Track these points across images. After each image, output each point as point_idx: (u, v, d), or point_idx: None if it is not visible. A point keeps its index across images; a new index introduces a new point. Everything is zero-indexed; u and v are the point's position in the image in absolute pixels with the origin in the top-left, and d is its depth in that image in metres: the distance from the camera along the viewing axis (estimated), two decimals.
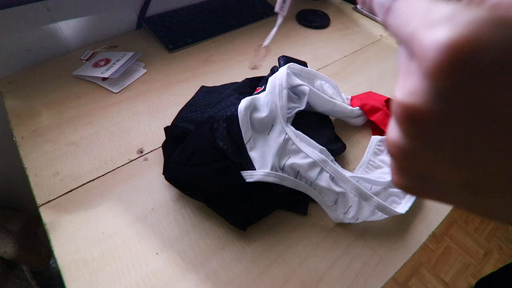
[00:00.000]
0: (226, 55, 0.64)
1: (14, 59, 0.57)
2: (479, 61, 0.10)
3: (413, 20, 0.12)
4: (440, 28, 0.10)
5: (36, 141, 0.46)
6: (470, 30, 0.10)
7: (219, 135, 0.38)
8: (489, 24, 0.10)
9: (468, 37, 0.10)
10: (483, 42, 0.10)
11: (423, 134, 0.12)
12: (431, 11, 0.11)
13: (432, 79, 0.11)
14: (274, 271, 0.36)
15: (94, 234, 0.37)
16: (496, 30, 0.10)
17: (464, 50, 0.10)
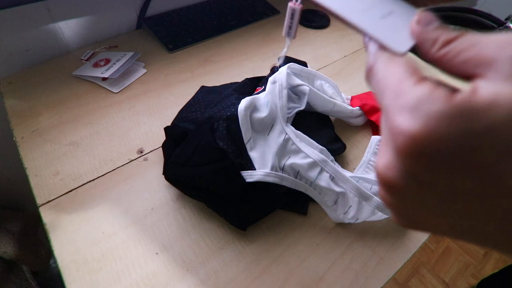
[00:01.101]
0: (226, 55, 0.64)
1: (14, 59, 0.57)
2: (435, 151, 0.12)
3: (386, 95, 0.15)
4: (406, 118, 0.13)
5: (36, 141, 0.46)
6: (428, 124, 0.12)
7: (219, 135, 0.38)
8: (445, 119, 0.12)
9: (427, 131, 0.12)
10: (438, 135, 0.12)
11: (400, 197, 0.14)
12: (400, 92, 0.14)
13: (400, 160, 0.13)
14: (274, 271, 0.36)
15: (94, 234, 0.37)
16: (450, 124, 0.12)
17: (423, 142, 0.12)
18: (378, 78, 0.16)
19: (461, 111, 0.12)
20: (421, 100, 0.13)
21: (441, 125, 0.12)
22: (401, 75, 0.14)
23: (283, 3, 0.79)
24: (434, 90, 0.13)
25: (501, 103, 0.11)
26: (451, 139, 0.12)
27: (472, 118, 0.12)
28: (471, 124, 0.12)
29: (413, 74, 0.14)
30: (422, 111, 0.12)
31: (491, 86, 0.12)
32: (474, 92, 0.12)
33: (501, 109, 0.11)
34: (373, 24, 0.18)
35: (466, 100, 0.12)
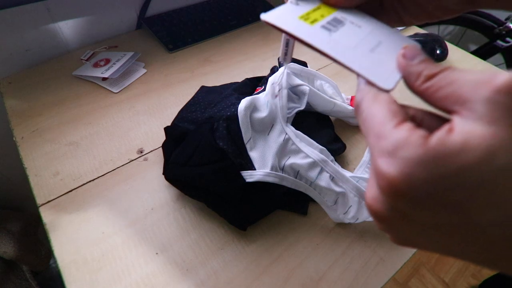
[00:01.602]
0: (226, 55, 0.64)
1: (14, 59, 0.57)
2: (412, 193, 0.13)
3: (370, 135, 0.16)
4: (385, 162, 0.14)
5: (36, 141, 0.46)
6: (404, 170, 0.13)
7: (219, 135, 0.38)
8: (419, 165, 0.13)
9: (403, 176, 0.13)
10: (414, 180, 0.13)
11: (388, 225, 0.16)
12: (381, 135, 0.15)
13: (383, 197, 0.15)
14: (274, 271, 0.36)
15: (94, 234, 0.37)
16: (424, 170, 0.13)
17: (401, 186, 0.14)
18: (364, 117, 0.17)
19: (434, 156, 0.13)
20: (398, 145, 0.14)
21: (416, 170, 0.13)
22: (383, 117, 0.15)
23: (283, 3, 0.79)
24: (411, 134, 0.14)
25: (471, 146, 0.13)
26: (425, 182, 0.13)
27: (444, 162, 0.13)
28: (443, 168, 0.13)
29: (394, 116, 0.15)
30: (399, 157, 0.14)
31: (465, 126, 0.13)
32: (449, 132, 0.13)
33: (471, 153, 0.12)
34: (360, 60, 0.18)
35: (439, 144, 0.13)
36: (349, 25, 0.20)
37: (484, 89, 0.13)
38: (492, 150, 0.12)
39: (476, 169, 0.12)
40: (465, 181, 0.13)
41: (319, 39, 0.19)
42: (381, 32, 0.21)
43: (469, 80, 0.14)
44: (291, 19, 0.20)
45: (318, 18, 0.20)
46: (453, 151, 0.13)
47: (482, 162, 0.12)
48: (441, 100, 0.15)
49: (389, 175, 0.14)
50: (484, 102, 0.13)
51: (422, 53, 0.17)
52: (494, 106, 0.13)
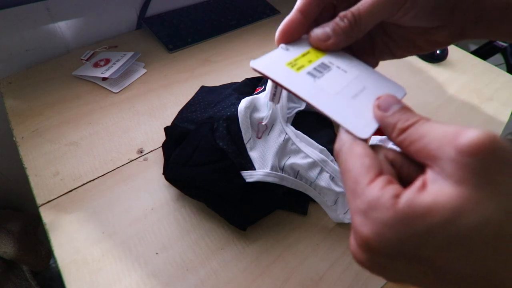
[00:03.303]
0: (226, 55, 0.64)
1: (14, 59, 0.57)
2: (384, 250, 0.14)
3: (346, 189, 0.17)
4: (359, 220, 0.15)
5: (36, 141, 0.46)
6: (375, 231, 0.14)
7: (219, 135, 0.38)
8: (389, 226, 0.14)
9: (374, 236, 0.14)
10: (384, 240, 0.14)
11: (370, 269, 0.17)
12: (356, 193, 0.16)
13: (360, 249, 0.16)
14: (274, 271, 0.36)
15: (94, 234, 0.37)
16: (393, 230, 0.14)
17: (373, 244, 0.15)
18: (342, 170, 0.17)
19: (402, 219, 0.14)
20: (370, 206, 0.15)
21: (386, 231, 0.14)
22: (357, 173, 0.16)
23: (283, 3, 0.79)
24: (383, 194, 0.14)
25: (438, 208, 0.13)
26: (396, 242, 0.14)
27: (412, 225, 0.14)
28: (411, 229, 0.14)
29: (367, 171, 0.16)
30: (371, 217, 0.15)
31: (435, 185, 0.14)
32: (420, 190, 0.14)
33: (438, 215, 0.13)
34: (340, 108, 0.19)
35: (407, 206, 0.14)
36: (335, 70, 0.21)
37: (449, 147, 0.14)
38: (458, 211, 0.13)
39: (443, 229, 0.13)
40: (433, 240, 0.13)
41: (303, 87, 0.19)
42: (367, 77, 0.21)
43: (436, 136, 0.15)
44: (279, 66, 0.20)
45: (305, 64, 0.21)
46: (421, 213, 0.13)
47: (449, 222, 0.13)
48: (415, 154, 0.16)
49: (363, 234, 0.15)
50: (450, 162, 0.14)
51: (397, 102, 0.18)
52: (460, 167, 0.13)
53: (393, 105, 0.18)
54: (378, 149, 0.18)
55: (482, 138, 0.13)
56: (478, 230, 0.13)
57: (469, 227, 0.13)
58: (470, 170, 0.13)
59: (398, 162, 0.17)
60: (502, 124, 0.56)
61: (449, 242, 0.13)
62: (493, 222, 0.13)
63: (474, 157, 0.13)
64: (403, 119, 0.17)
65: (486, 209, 0.13)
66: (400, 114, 0.17)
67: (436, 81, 0.63)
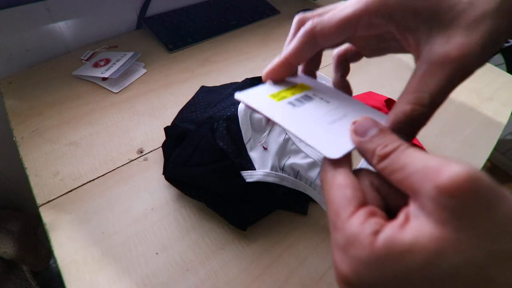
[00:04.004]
0: (226, 55, 0.64)
1: (14, 59, 0.57)
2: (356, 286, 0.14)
3: (329, 219, 0.16)
4: (339, 256, 0.15)
5: (36, 141, 0.46)
6: (353, 269, 0.14)
7: (219, 135, 0.38)
8: (367, 265, 0.14)
9: (353, 274, 0.14)
10: (363, 278, 0.14)
11: None
12: (336, 226, 0.15)
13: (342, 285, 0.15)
14: (274, 271, 0.36)
15: (94, 234, 0.37)
16: (372, 269, 0.14)
17: (352, 281, 0.14)
18: (325, 199, 0.17)
19: (380, 259, 0.13)
20: (348, 242, 0.14)
21: (364, 270, 0.14)
22: (337, 205, 0.16)
23: (283, 3, 0.79)
24: (362, 229, 0.14)
25: (419, 247, 0.13)
26: (374, 281, 0.14)
27: (390, 264, 0.13)
28: (390, 269, 0.13)
29: (348, 204, 0.15)
30: (349, 254, 0.14)
31: (415, 224, 0.14)
32: (402, 226, 0.14)
33: (418, 255, 0.13)
34: (313, 131, 0.19)
35: (386, 245, 0.13)
36: (317, 101, 0.21)
37: (429, 185, 0.13)
38: (440, 252, 0.13)
39: (423, 270, 0.13)
40: (413, 281, 0.13)
41: (278, 113, 0.20)
42: (349, 106, 0.21)
43: (417, 169, 0.14)
44: (261, 97, 0.21)
45: (288, 95, 0.21)
46: (400, 253, 0.13)
47: (429, 264, 0.13)
48: (397, 183, 0.15)
49: (341, 271, 0.15)
50: (430, 200, 0.13)
51: (374, 124, 0.17)
52: (440, 207, 0.13)
53: (370, 129, 0.17)
54: (364, 175, 0.17)
55: (463, 176, 0.13)
56: (459, 271, 0.12)
57: (449, 269, 0.12)
58: (450, 211, 0.13)
59: (385, 189, 0.16)
60: (502, 124, 0.56)
61: (429, 284, 0.13)
62: (474, 264, 0.12)
63: (455, 198, 0.13)
64: (382, 145, 0.16)
65: (466, 251, 0.12)
66: (378, 138, 0.16)
67: None
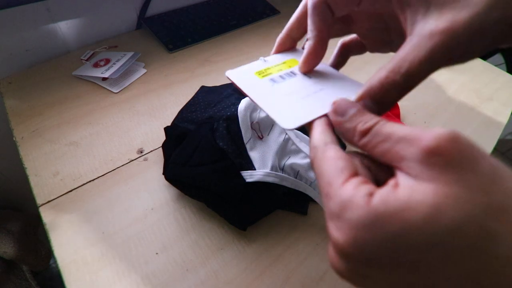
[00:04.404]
0: (226, 55, 0.64)
1: (14, 59, 0.57)
2: (361, 256, 0.13)
3: (321, 193, 0.16)
4: (333, 226, 0.14)
5: (36, 141, 0.46)
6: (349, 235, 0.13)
7: (219, 135, 0.38)
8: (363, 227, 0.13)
9: (349, 241, 0.13)
10: (360, 243, 0.13)
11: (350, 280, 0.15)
12: (329, 195, 0.15)
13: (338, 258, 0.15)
14: (274, 271, 0.36)
15: (94, 234, 0.37)
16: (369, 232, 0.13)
17: (349, 250, 0.14)
18: (316, 175, 0.17)
19: (376, 217, 0.13)
20: (343, 206, 0.14)
21: (361, 233, 0.13)
22: (330, 175, 0.15)
23: (283, 3, 0.79)
24: (356, 192, 0.14)
25: (414, 203, 0.12)
26: (372, 245, 0.13)
27: (387, 223, 0.13)
28: (387, 229, 0.13)
29: (341, 172, 0.15)
30: (344, 220, 0.14)
31: (406, 184, 0.13)
32: (394, 187, 0.13)
33: (414, 211, 0.12)
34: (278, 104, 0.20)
35: (381, 202, 0.13)
36: (299, 77, 0.22)
37: (414, 148, 0.13)
38: (437, 208, 0.12)
39: (423, 227, 0.12)
40: (413, 241, 0.12)
41: (256, 89, 0.21)
42: (329, 80, 0.22)
43: (400, 137, 0.14)
44: (247, 74, 0.23)
45: (274, 72, 0.23)
46: (397, 210, 0.13)
47: (429, 220, 0.12)
48: (381, 156, 0.15)
49: (338, 240, 0.14)
50: (417, 162, 0.13)
51: (353, 105, 0.17)
52: (427, 166, 0.13)
53: (349, 109, 0.17)
54: (353, 155, 0.17)
55: (446, 136, 0.13)
56: (461, 228, 0.12)
57: (450, 225, 0.12)
58: (438, 168, 0.13)
59: (374, 169, 0.16)
60: (502, 124, 0.56)
61: (432, 242, 0.12)
62: (473, 219, 0.12)
63: (441, 156, 0.13)
64: (362, 121, 0.16)
65: (464, 205, 0.12)
66: (358, 117, 0.16)
67: (435, 81, 0.63)
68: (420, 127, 0.14)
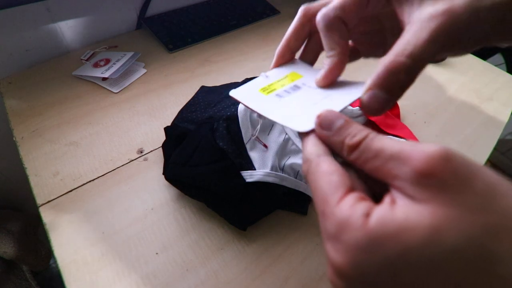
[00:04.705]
0: (226, 55, 0.64)
1: (14, 59, 0.57)
2: (359, 278, 0.13)
3: (317, 209, 0.15)
4: (330, 247, 0.14)
5: (36, 141, 0.46)
6: (347, 257, 0.13)
7: (219, 135, 0.38)
8: (361, 250, 0.13)
9: (347, 262, 0.13)
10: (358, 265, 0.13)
11: None
12: (325, 214, 0.14)
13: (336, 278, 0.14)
14: (274, 271, 0.36)
15: (94, 234, 0.37)
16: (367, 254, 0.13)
17: (347, 272, 0.13)
18: (312, 190, 0.16)
19: (374, 239, 0.12)
20: (340, 228, 0.13)
21: (359, 256, 0.13)
22: (325, 193, 0.15)
23: (283, 3, 0.79)
24: (353, 212, 0.13)
25: (411, 227, 0.12)
26: (371, 267, 0.13)
27: (386, 245, 0.12)
28: (386, 251, 0.12)
29: (336, 190, 0.14)
30: (341, 241, 0.13)
31: (403, 204, 0.13)
32: (391, 206, 0.13)
33: (413, 232, 0.12)
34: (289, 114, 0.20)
35: (379, 224, 0.13)
36: (304, 89, 0.23)
37: (407, 168, 0.13)
38: (436, 230, 0.12)
39: (422, 251, 0.12)
40: (412, 264, 0.12)
41: (264, 106, 0.21)
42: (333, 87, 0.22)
43: (391, 155, 0.14)
44: (252, 92, 0.23)
45: (277, 87, 0.23)
46: (395, 232, 0.12)
47: (429, 242, 0.12)
48: (373, 173, 0.15)
49: (336, 262, 0.14)
50: (410, 183, 0.13)
51: (339, 116, 0.17)
52: (421, 188, 0.13)
53: (335, 121, 0.16)
54: (349, 166, 0.16)
55: (438, 155, 0.12)
56: (460, 249, 0.12)
57: (450, 247, 0.12)
58: (432, 190, 0.12)
59: (370, 181, 0.16)
60: (502, 124, 0.56)
61: (431, 264, 0.12)
62: (473, 240, 0.12)
63: (434, 177, 0.12)
64: (350, 135, 0.15)
65: (462, 226, 0.12)
66: (344, 129, 0.16)
67: (435, 81, 0.63)
68: (411, 142, 0.14)
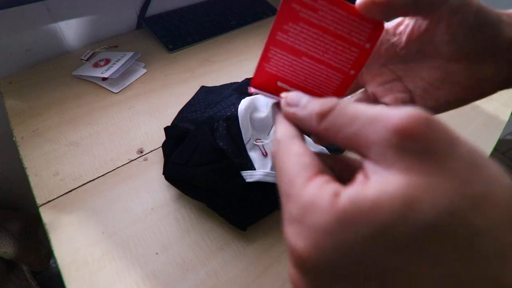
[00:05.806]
0: (226, 55, 0.64)
1: (14, 59, 0.57)
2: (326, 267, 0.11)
3: (281, 193, 0.14)
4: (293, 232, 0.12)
5: (36, 141, 0.46)
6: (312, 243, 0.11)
7: (219, 135, 0.38)
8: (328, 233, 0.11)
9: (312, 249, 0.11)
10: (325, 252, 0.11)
11: None
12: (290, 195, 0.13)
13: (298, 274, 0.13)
14: (274, 271, 0.36)
15: (94, 234, 0.37)
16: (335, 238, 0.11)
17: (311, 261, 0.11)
18: (277, 171, 0.15)
19: (344, 220, 0.11)
20: (305, 209, 0.12)
21: (326, 240, 0.11)
22: (292, 173, 0.13)
23: None
24: (321, 193, 0.12)
25: (384, 202, 0.11)
26: (339, 253, 0.11)
27: (356, 226, 0.11)
28: (357, 231, 0.11)
29: (305, 170, 0.13)
30: (306, 225, 0.12)
31: (377, 178, 0.11)
32: (363, 183, 0.12)
33: (386, 209, 0.10)
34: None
35: (349, 203, 0.11)
36: None
37: (384, 130, 0.11)
38: (410, 202, 0.10)
39: (398, 226, 0.10)
40: (386, 242, 0.10)
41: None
42: None
43: (367, 118, 0.12)
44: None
45: None
46: (367, 210, 0.11)
47: (404, 216, 0.10)
48: (347, 142, 0.13)
49: (297, 249, 0.12)
50: (390, 148, 0.11)
51: (306, 95, 0.16)
52: (402, 153, 0.11)
53: (302, 97, 0.15)
54: (317, 154, 0.15)
55: (419, 115, 0.11)
56: (438, 223, 0.10)
57: (427, 221, 0.10)
58: (414, 155, 0.11)
59: (338, 169, 0.15)
60: (502, 124, 0.56)
61: (407, 244, 0.10)
62: (453, 212, 0.10)
63: (416, 140, 0.11)
64: (319, 104, 0.14)
65: (443, 198, 0.10)
66: (313, 103, 0.15)
67: None
68: (390, 107, 0.12)
